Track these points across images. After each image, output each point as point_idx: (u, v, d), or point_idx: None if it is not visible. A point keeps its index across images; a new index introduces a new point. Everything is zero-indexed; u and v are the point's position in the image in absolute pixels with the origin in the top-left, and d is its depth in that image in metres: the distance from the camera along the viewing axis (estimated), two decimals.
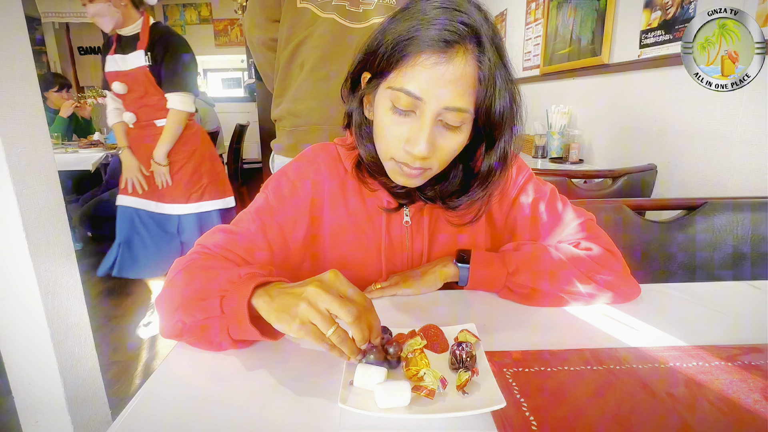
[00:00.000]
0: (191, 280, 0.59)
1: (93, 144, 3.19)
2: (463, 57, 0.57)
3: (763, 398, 0.46)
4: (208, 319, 0.54)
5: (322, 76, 1.23)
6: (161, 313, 0.60)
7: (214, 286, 0.55)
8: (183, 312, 0.55)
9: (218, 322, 0.53)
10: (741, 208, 0.99)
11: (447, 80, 0.57)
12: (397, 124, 0.61)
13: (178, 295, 0.58)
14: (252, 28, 1.31)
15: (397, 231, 0.75)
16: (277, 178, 0.74)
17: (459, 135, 0.62)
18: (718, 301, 0.70)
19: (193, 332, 0.56)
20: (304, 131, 1.28)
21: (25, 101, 1.04)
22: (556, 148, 2.39)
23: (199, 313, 0.54)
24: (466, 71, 0.57)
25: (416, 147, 0.59)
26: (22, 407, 1.15)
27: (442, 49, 0.56)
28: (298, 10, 1.22)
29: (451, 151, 0.62)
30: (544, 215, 0.76)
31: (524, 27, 3.26)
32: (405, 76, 0.58)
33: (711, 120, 1.54)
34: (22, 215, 1.02)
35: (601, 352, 0.55)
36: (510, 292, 0.70)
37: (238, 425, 0.45)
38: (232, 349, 0.56)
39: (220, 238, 0.67)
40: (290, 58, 1.25)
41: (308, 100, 1.25)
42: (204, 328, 0.54)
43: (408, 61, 0.58)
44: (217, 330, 0.54)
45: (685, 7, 1.63)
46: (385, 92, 0.61)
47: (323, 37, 1.22)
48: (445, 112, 0.58)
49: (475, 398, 0.46)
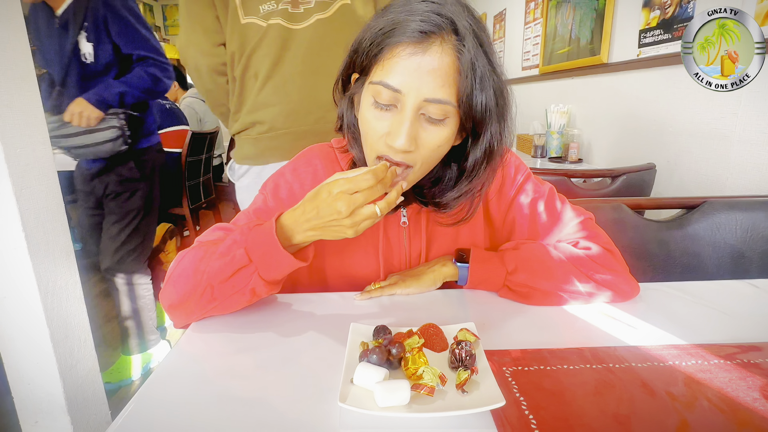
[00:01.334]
0: (201, 257, 0.62)
1: None
2: (440, 47, 0.56)
3: (762, 396, 0.47)
4: (237, 272, 0.59)
5: (278, 83, 1.25)
6: (171, 304, 0.62)
7: (231, 244, 0.60)
8: (209, 276, 0.60)
9: (247, 271, 0.59)
10: (740, 208, 0.99)
11: (425, 71, 0.56)
12: (378, 119, 0.60)
13: (191, 275, 0.61)
14: (198, 57, 1.25)
15: (394, 232, 0.75)
16: (275, 180, 0.75)
17: (443, 129, 0.60)
18: (717, 299, 0.70)
19: (224, 291, 0.60)
20: (270, 137, 1.29)
21: (23, 102, 1.04)
22: (556, 147, 2.39)
23: (227, 269, 0.59)
24: (444, 61, 0.56)
25: (397, 140, 0.58)
26: (21, 407, 1.15)
27: (418, 39, 0.56)
28: (244, 26, 1.22)
29: (434, 145, 0.61)
30: (543, 214, 0.76)
31: (523, 27, 3.26)
32: (384, 70, 0.58)
33: (710, 119, 1.54)
34: (22, 215, 1.02)
35: (601, 351, 0.55)
36: (509, 291, 0.70)
37: (237, 424, 0.45)
38: (265, 294, 0.62)
39: (219, 236, 0.67)
40: (244, 70, 1.26)
41: (270, 107, 1.27)
42: (234, 285, 0.60)
43: (386, 54, 0.58)
44: (248, 277, 0.59)
45: (683, 7, 1.63)
46: (367, 88, 0.61)
47: (272, 44, 1.24)
48: (426, 105, 0.58)
49: (475, 397, 0.46)
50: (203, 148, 2.92)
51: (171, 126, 2.62)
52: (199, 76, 1.30)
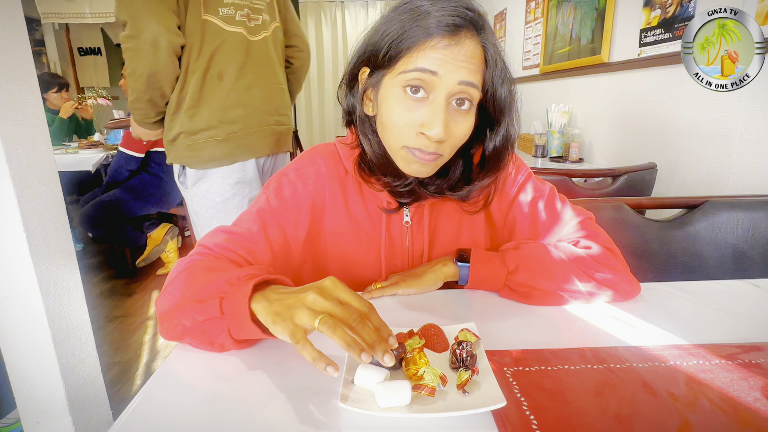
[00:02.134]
0: (191, 281, 0.58)
1: (93, 145, 3.19)
2: (471, 39, 0.60)
3: (763, 397, 0.46)
4: (207, 321, 0.53)
5: (244, 85, 1.32)
6: (161, 314, 0.60)
7: (213, 288, 0.54)
8: (182, 314, 0.55)
9: (218, 323, 0.53)
10: (741, 207, 0.99)
11: (459, 59, 0.59)
12: (410, 111, 0.62)
13: (178, 297, 0.58)
14: (161, 31, 1.16)
15: (397, 231, 0.75)
16: (278, 179, 0.74)
17: (469, 119, 0.63)
18: (718, 299, 0.70)
19: (194, 334, 0.55)
20: (242, 135, 1.34)
21: (25, 102, 1.04)
22: (556, 147, 2.39)
23: (198, 315, 0.54)
24: (476, 52, 0.61)
25: (433, 129, 0.60)
26: (23, 408, 1.15)
27: (451, 32, 0.59)
28: (204, 22, 1.25)
29: (462, 135, 0.64)
30: (543, 214, 0.76)
31: (524, 26, 3.26)
32: (417, 59, 0.60)
33: (711, 118, 1.53)
34: (23, 216, 1.02)
35: (602, 351, 0.55)
36: (510, 291, 0.70)
37: (238, 425, 0.45)
38: (234, 349, 0.56)
39: (222, 239, 0.67)
40: (206, 68, 1.27)
41: (240, 107, 1.33)
42: (204, 330, 0.54)
43: (418, 47, 0.60)
44: (218, 331, 0.53)
45: (684, 6, 1.63)
46: (394, 80, 0.62)
47: (235, 49, 1.30)
48: (458, 91, 0.60)
49: (476, 397, 0.46)
50: None
51: None
52: (154, 51, 1.18)
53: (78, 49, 6.15)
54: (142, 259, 2.70)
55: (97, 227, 2.55)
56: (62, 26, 5.73)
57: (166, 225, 2.78)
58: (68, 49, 6.00)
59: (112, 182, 2.59)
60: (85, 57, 6.20)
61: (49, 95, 3.28)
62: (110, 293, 2.53)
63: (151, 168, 2.63)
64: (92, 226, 2.56)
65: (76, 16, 5.33)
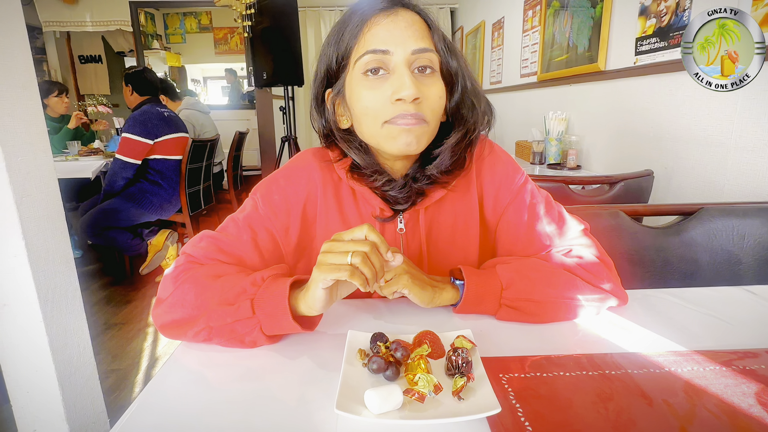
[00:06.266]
0: (204, 289, 0.61)
1: (93, 152, 3.20)
2: (406, 11, 0.64)
3: (757, 403, 0.47)
4: (237, 321, 0.57)
5: None
6: (174, 322, 0.61)
7: (239, 291, 0.59)
8: (207, 319, 0.59)
9: (249, 323, 0.57)
10: (737, 214, 1.00)
11: (403, 29, 0.62)
12: (375, 88, 0.64)
13: (196, 304, 0.60)
14: None
15: (391, 238, 0.75)
16: (267, 185, 0.73)
17: (435, 81, 0.65)
18: (713, 306, 0.70)
19: (222, 334, 0.59)
20: None
21: (25, 110, 1.05)
22: (554, 154, 2.40)
23: (229, 317, 0.58)
24: (415, 18, 0.64)
25: (403, 90, 0.61)
26: (20, 415, 1.15)
27: (386, 8, 0.63)
28: None
29: (436, 98, 0.65)
30: (538, 221, 0.75)
31: (521, 34, 3.28)
32: (365, 43, 0.63)
33: (707, 126, 1.55)
34: (22, 223, 1.03)
35: (597, 358, 0.56)
36: (508, 309, 0.66)
37: (236, 431, 0.45)
38: (267, 344, 0.60)
39: (207, 247, 0.68)
40: None
41: None
42: (233, 330, 0.58)
43: (362, 33, 0.63)
44: (248, 329, 0.58)
45: (679, 15, 1.64)
46: (353, 73, 0.65)
47: None
48: (414, 58, 0.63)
49: (471, 403, 0.46)
50: (203, 156, 2.93)
51: (170, 134, 2.63)
52: None
53: (79, 56, 6.19)
54: (145, 266, 2.70)
55: (96, 235, 2.55)
56: (63, 34, 5.78)
57: (165, 231, 2.78)
58: (69, 56, 6.05)
59: (109, 190, 2.59)
60: (85, 65, 6.25)
61: (49, 100, 3.29)
62: (108, 300, 2.53)
63: (150, 176, 2.64)
64: (92, 235, 2.56)
65: (77, 24, 5.37)
